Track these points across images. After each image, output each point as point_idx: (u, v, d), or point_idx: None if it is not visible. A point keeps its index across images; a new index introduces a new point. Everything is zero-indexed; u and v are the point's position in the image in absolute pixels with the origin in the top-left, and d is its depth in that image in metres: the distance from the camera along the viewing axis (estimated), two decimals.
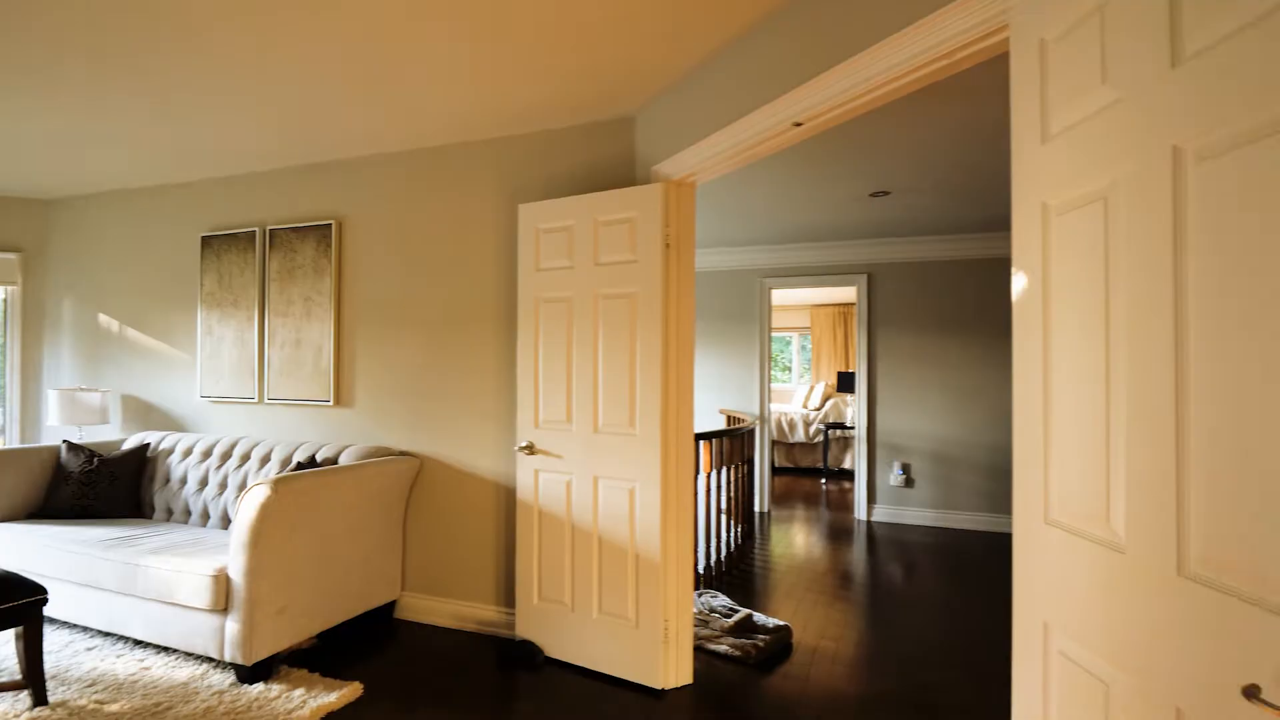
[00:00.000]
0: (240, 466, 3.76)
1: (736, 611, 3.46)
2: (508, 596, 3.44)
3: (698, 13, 2.32)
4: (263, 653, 2.84)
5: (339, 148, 3.72)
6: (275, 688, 2.80)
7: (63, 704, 2.67)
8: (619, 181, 3.24)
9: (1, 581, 2.58)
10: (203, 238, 4.29)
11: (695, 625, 3.38)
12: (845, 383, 8.96)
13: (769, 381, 6.66)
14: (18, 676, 2.85)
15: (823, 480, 8.27)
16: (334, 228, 3.86)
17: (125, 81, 2.89)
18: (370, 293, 3.81)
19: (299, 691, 2.77)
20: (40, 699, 2.66)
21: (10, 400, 5.04)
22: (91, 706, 2.65)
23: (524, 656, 3.09)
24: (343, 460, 3.48)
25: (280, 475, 2.90)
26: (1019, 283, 1.42)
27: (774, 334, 11.77)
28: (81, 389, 4.46)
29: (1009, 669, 3.10)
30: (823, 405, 9.32)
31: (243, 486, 3.70)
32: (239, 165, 4.07)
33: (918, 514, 6.05)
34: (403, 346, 3.72)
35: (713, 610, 3.50)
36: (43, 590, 2.67)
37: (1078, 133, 1.24)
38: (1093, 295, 1.20)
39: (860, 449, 6.16)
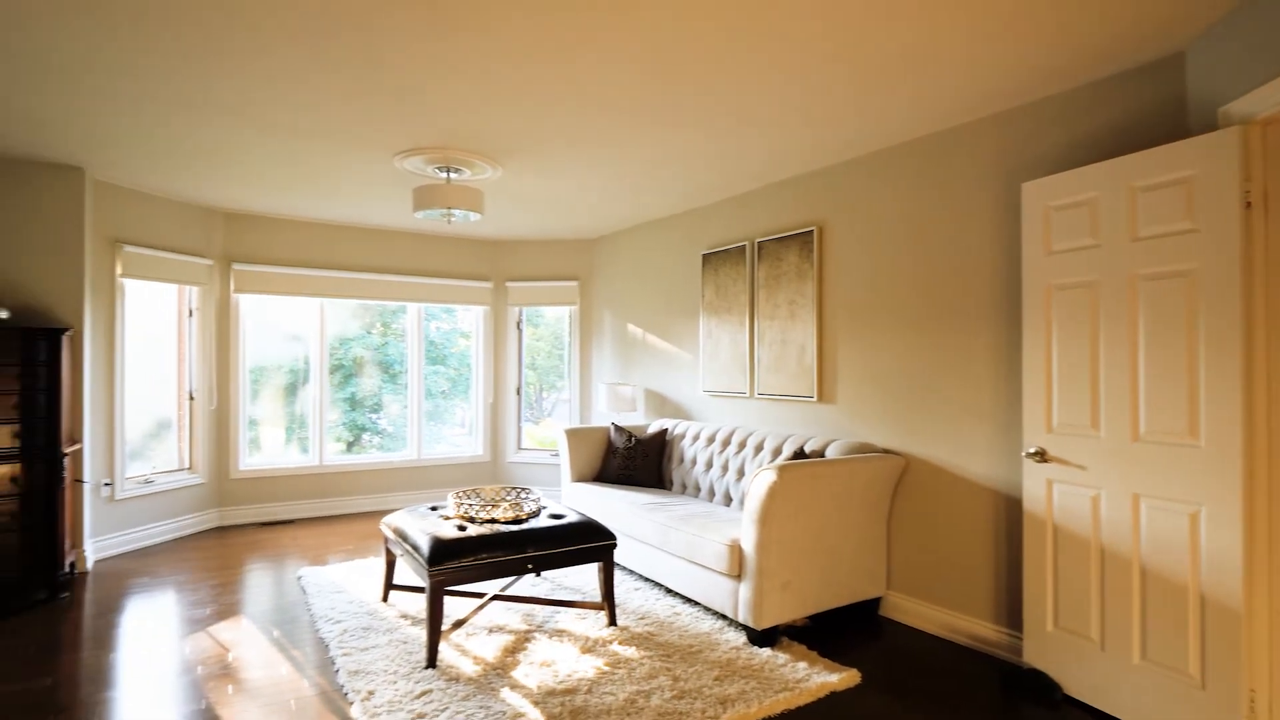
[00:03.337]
0: (738, 453, 4.26)
1: None
2: (1009, 616, 3.12)
3: None
4: (769, 621, 3.15)
5: (817, 158, 3.92)
6: (781, 656, 3.07)
7: (625, 628, 3.39)
8: (1159, 137, 2.66)
9: (590, 527, 3.41)
10: (703, 255, 5.01)
11: None
12: None
13: None
14: (597, 599, 3.72)
15: None
16: (815, 234, 4.09)
17: (664, 145, 3.55)
18: (850, 292, 3.91)
19: (802, 664, 2.98)
20: (612, 620, 3.42)
21: (572, 390, 6.68)
22: (645, 634, 3.31)
23: (1037, 689, 2.75)
24: (829, 454, 3.64)
25: (782, 463, 3.18)
26: None
27: None
28: (619, 384, 5.64)
29: None
30: None
31: (740, 471, 4.18)
32: (731, 189, 4.63)
33: None
34: (883, 343, 3.72)
35: None
36: (614, 536, 3.43)
37: None
38: None
39: None
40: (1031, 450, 2.83)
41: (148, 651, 3.17)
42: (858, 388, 3.86)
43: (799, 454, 3.65)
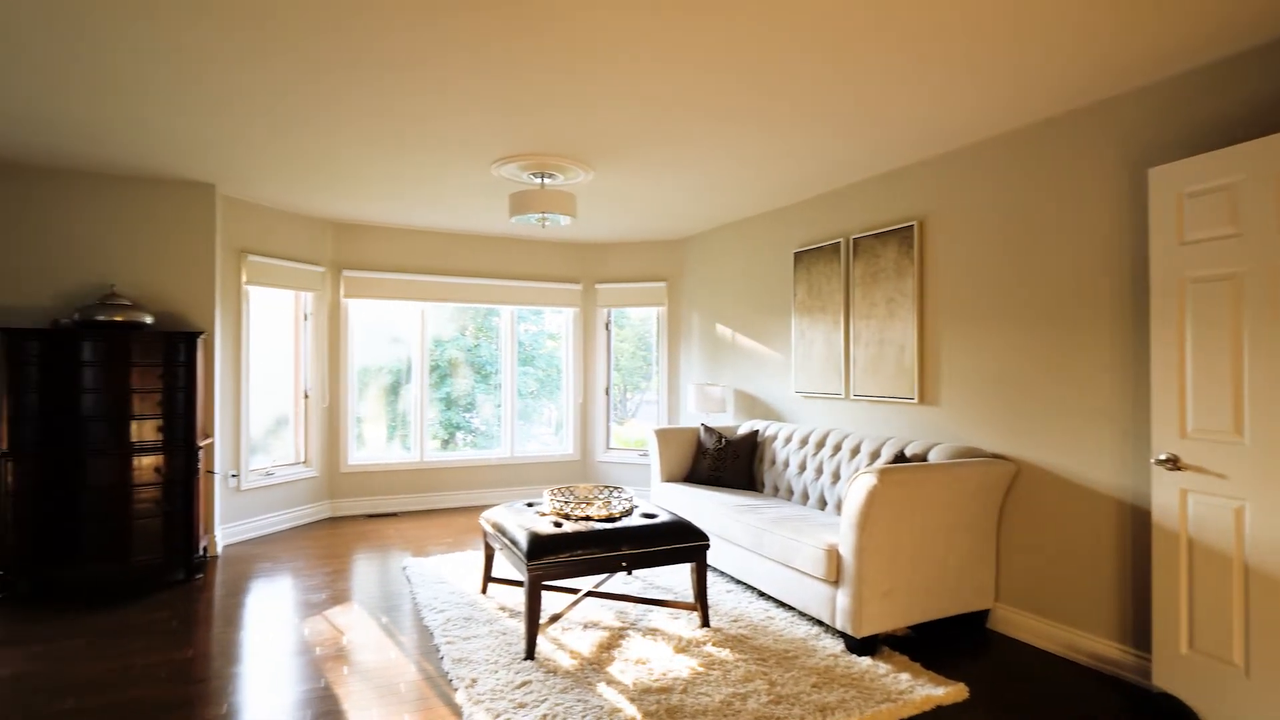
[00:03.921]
0: (833, 456, 4.16)
1: None
2: (1136, 635, 2.90)
3: None
4: (869, 629, 3.05)
5: (917, 149, 3.77)
6: (882, 665, 2.97)
7: (718, 630, 3.37)
8: None
9: (683, 527, 3.41)
10: (795, 253, 4.92)
11: None
12: None
13: None
14: (690, 599, 3.72)
15: None
16: (915, 229, 3.93)
17: (750, 146, 3.51)
18: (954, 289, 3.74)
19: (905, 675, 2.87)
20: (705, 621, 3.41)
21: (660, 391, 6.71)
22: (739, 636, 3.27)
23: (1169, 715, 2.54)
24: (931, 458, 3.50)
25: (883, 466, 3.08)
26: None
27: None
28: (707, 384, 5.62)
29: None
30: None
31: (835, 474, 4.08)
32: (824, 184, 4.52)
33: None
34: (992, 343, 3.53)
35: None
36: (706, 537, 3.42)
37: None
38: None
39: None
40: (1162, 457, 2.62)
41: (271, 631, 3.41)
42: (963, 389, 3.69)
43: (899, 458, 3.52)
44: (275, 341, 5.62)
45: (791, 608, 3.64)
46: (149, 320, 4.21)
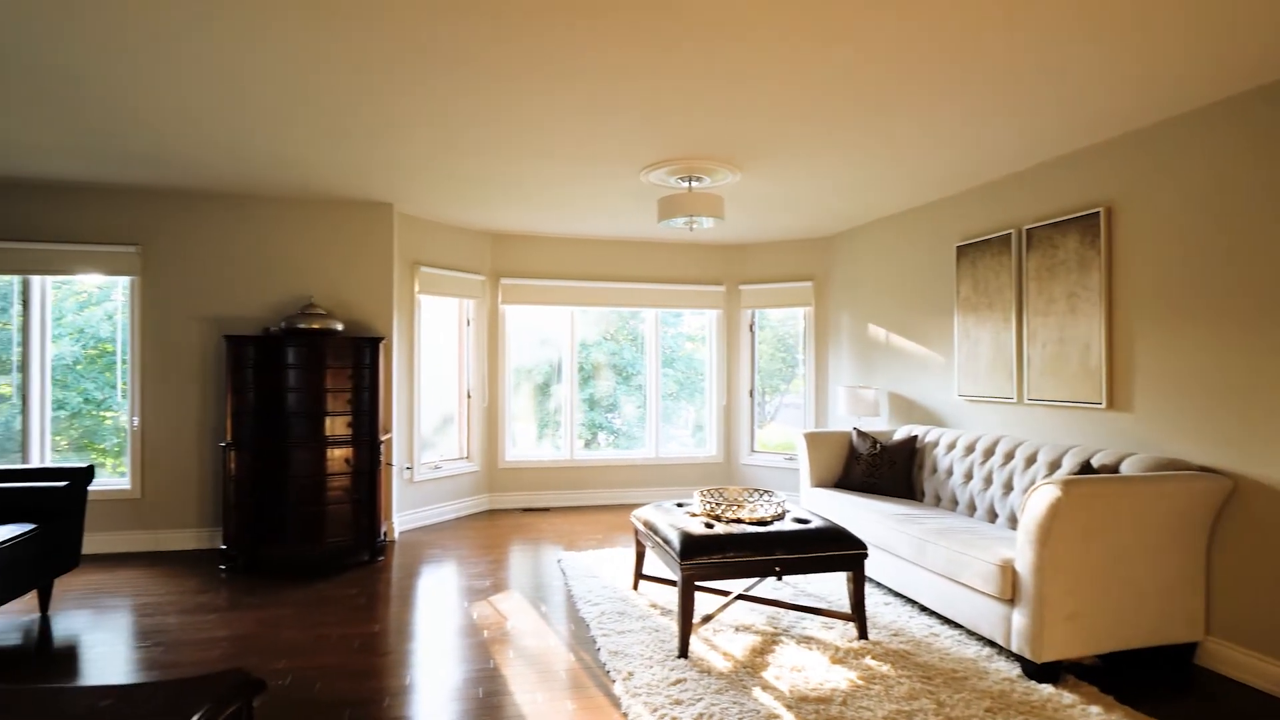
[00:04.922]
0: (1004, 464, 3.84)
1: None
2: None
3: None
4: (1051, 654, 2.79)
5: (1103, 128, 3.40)
6: (1067, 695, 2.70)
7: (878, 643, 3.21)
8: None
9: (839, 534, 3.29)
10: (957, 247, 4.61)
11: None
12: None
13: None
14: (844, 609, 3.58)
15: None
16: (1101, 215, 3.55)
17: (917, 127, 3.33)
18: (1150, 281, 3.34)
19: (1095, 709, 2.59)
20: (862, 633, 3.27)
21: (806, 393, 6.53)
22: (900, 651, 3.11)
23: None
24: (1124, 470, 3.14)
25: (1068, 477, 2.80)
26: None
27: None
28: (859, 386, 5.40)
29: None
30: None
31: (1007, 484, 3.77)
32: (990, 172, 4.20)
33: None
34: (1200, 341, 3.11)
35: None
36: (864, 545, 3.28)
37: None
38: None
39: None
40: None
41: (443, 612, 3.68)
42: (1161, 393, 3.28)
43: (1084, 468, 3.19)
44: (442, 345, 6.08)
45: (958, 625, 3.41)
46: (339, 327, 4.70)
